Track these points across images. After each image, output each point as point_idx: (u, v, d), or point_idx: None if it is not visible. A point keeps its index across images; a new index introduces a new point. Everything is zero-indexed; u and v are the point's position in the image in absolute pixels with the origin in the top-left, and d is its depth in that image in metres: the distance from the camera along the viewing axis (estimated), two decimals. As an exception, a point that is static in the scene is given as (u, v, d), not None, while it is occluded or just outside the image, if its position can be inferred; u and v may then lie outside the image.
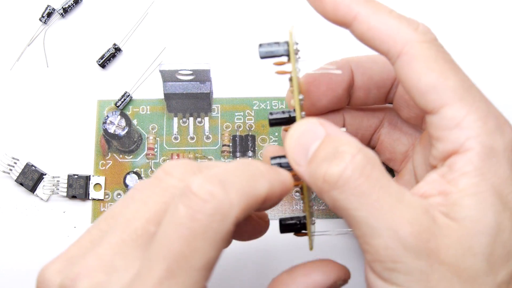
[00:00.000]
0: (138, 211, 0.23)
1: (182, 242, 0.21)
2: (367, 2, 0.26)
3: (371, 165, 0.23)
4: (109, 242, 0.23)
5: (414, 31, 0.25)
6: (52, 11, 0.41)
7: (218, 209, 0.21)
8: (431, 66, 0.24)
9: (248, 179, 0.23)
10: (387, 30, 0.25)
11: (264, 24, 0.42)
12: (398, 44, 0.25)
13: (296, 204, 0.37)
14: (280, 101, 0.39)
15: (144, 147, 0.38)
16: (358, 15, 0.26)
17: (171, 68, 0.35)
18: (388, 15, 0.25)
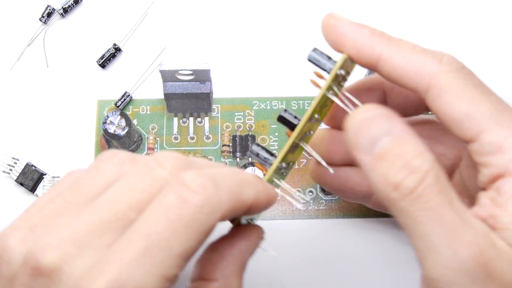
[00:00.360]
0: (123, 195, 0.23)
1: (167, 225, 0.21)
2: (389, 41, 0.26)
3: (442, 180, 0.23)
4: (86, 218, 0.23)
5: (439, 64, 0.25)
6: (52, 11, 0.41)
7: (207, 202, 0.22)
8: (461, 95, 0.24)
9: (237, 184, 0.24)
10: (412, 67, 0.25)
11: (264, 24, 0.42)
12: (425, 79, 0.25)
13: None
14: (280, 101, 0.39)
15: (144, 147, 0.38)
16: (382, 56, 0.26)
17: (171, 68, 0.35)
18: (411, 51, 0.26)
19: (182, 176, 0.22)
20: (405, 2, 0.43)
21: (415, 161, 0.23)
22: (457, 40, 0.42)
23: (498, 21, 0.42)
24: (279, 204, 0.37)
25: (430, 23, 0.42)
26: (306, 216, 0.37)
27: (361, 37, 0.26)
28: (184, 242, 0.22)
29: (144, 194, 0.23)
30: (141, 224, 0.22)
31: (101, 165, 0.25)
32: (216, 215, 0.22)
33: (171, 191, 0.22)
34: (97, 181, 0.24)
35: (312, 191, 0.38)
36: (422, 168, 0.23)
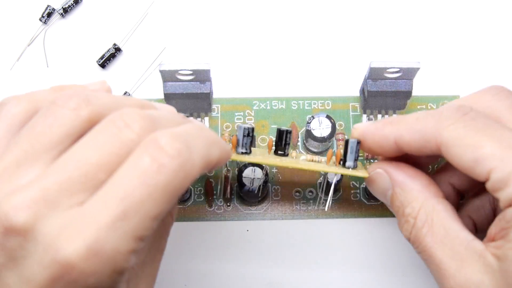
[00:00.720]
0: (91, 155, 0.23)
1: (143, 190, 0.22)
2: (395, 123, 0.29)
3: (433, 217, 0.28)
4: (56, 177, 0.23)
5: (438, 122, 0.27)
6: (52, 11, 0.41)
7: (182, 166, 0.23)
8: (464, 144, 0.26)
9: (207, 145, 0.25)
10: (419, 137, 0.27)
11: (264, 24, 0.42)
12: (432, 142, 0.27)
13: (296, 204, 0.37)
14: (280, 101, 0.39)
15: (144, 147, 0.38)
16: (395, 138, 0.29)
17: (171, 68, 0.35)
18: (414, 123, 0.28)
19: (156, 136, 0.23)
20: (407, 5, 0.43)
21: (406, 210, 0.29)
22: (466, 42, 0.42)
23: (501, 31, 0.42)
24: (279, 204, 0.37)
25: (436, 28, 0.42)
26: (306, 216, 0.37)
27: (375, 134, 0.30)
28: (159, 206, 0.23)
29: (113, 156, 0.23)
30: (117, 186, 0.22)
31: (57, 111, 0.25)
32: (190, 178, 0.23)
33: (146, 153, 0.23)
34: (56, 129, 0.24)
35: (312, 191, 0.38)
36: (411, 214, 0.29)
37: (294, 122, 0.39)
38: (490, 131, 0.26)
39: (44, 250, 0.22)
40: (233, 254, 0.37)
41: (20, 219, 0.22)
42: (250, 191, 0.35)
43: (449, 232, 0.27)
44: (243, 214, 0.37)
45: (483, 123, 0.26)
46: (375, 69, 0.35)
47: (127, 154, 0.23)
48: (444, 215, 0.28)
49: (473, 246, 0.26)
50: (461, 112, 0.26)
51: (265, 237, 0.37)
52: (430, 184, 0.30)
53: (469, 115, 0.26)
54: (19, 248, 0.22)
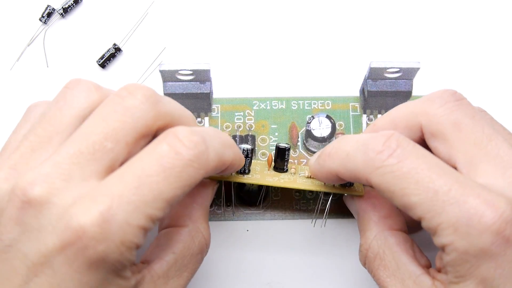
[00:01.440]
0: (97, 126, 0.25)
1: (159, 170, 0.23)
2: (331, 157, 0.29)
3: (385, 250, 0.29)
4: (67, 152, 0.24)
5: (366, 165, 0.26)
6: (52, 11, 0.41)
7: (198, 158, 0.24)
8: (391, 192, 0.25)
9: (222, 145, 0.26)
10: (352, 174, 0.27)
11: (264, 24, 0.42)
12: (364, 181, 0.27)
13: (296, 204, 0.37)
14: (280, 101, 0.39)
15: (144, 147, 0.38)
16: (336, 172, 0.28)
17: (171, 68, 0.35)
18: (346, 159, 0.27)
19: (176, 130, 0.24)
20: (405, 7, 0.43)
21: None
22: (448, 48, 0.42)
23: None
24: (279, 204, 0.37)
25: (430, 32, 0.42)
26: (306, 216, 0.37)
27: (320, 171, 0.30)
28: (172, 189, 0.24)
29: (117, 123, 0.25)
30: (134, 164, 0.24)
31: (68, 94, 0.26)
32: (203, 171, 0.24)
33: (165, 141, 0.24)
34: (66, 111, 0.26)
35: (312, 191, 0.38)
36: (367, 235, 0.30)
37: (294, 122, 0.39)
38: (417, 176, 0.25)
39: (57, 219, 0.23)
40: (233, 254, 0.37)
41: (36, 193, 0.23)
42: (250, 191, 0.35)
43: (399, 266, 0.28)
44: (243, 214, 0.37)
45: (410, 164, 0.25)
46: (375, 69, 0.35)
47: (132, 121, 0.25)
48: (395, 249, 0.28)
49: (421, 281, 0.27)
50: (387, 152, 0.25)
51: (265, 237, 0.37)
52: (389, 216, 0.30)
53: (395, 154, 0.25)
54: (35, 221, 0.23)
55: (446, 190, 0.24)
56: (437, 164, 0.25)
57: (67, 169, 0.24)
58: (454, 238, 0.24)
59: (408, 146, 0.25)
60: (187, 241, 0.28)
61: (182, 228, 0.29)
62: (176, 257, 0.28)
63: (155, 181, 0.23)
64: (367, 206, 0.31)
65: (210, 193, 0.31)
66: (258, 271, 0.36)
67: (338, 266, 0.37)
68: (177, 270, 0.27)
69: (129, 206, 0.23)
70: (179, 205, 0.29)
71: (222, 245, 0.37)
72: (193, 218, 0.29)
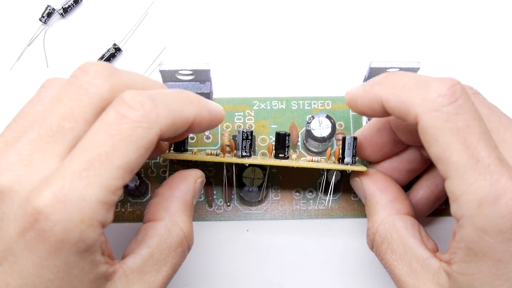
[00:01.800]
0: (53, 108, 0.25)
1: (107, 140, 0.23)
2: (384, 83, 0.27)
3: (392, 234, 0.29)
4: (27, 138, 0.24)
5: (423, 101, 0.25)
6: (52, 11, 0.41)
7: (145, 117, 0.24)
8: (436, 138, 0.25)
9: (177, 101, 0.26)
10: (402, 106, 0.26)
11: (264, 24, 0.42)
12: (411, 116, 0.26)
13: (296, 204, 0.37)
14: (280, 101, 0.39)
15: (144, 147, 0.38)
16: (382, 100, 0.27)
17: (171, 68, 0.35)
18: (401, 89, 0.26)
19: (122, 94, 0.24)
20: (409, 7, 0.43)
21: (368, 224, 0.31)
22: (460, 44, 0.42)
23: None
24: (279, 204, 0.37)
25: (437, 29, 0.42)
26: (306, 216, 0.37)
27: (364, 97, 0.28)
28: (124, 155, 0.23)
29: (72, 101, 0.25)
30: (84, 141, 0.24)
31: (41, 92, 0.27)
32: (154, 129, 0.24)
33: (112, 109, 0.24)
34: (38, 107, 0.26)
35: (312, 191, 0.38)
36: (370, 229, 0.30)
37: (294, 122, 0.39)
38: (467, 136, 0.24)
39: (18, 206, 0.23)
40: (233, 254, 0.37)
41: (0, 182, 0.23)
42: (250, 191, 0.35)
43: (407, 250, 0.28)
44: (243, 214, 0.37)
45: (465, 121, 0.24)
46: (375, 69, 0.35)
47: (88, 97, 0.25)
48: (403, 233, 0.28)
49: (429, 264, 0.27)
50: (449, 98, 0.25)
51: (265, 237, 0.37)
52: (397, 199, 0.30)
53: (456, 104, 0.25)
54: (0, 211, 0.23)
55: (486, 163, 0.24)
56: (487, 133, 0.25)
57: (28, 155, 0.24)
58: (475, 213, 0.24)
59: (469, 101, 0.25)
60: (163, 235, 0.28)
61: (158, 221, 0.28)
62: (152, 251, 0.27)
63: (105, 151, 0.23)
64: (374, 189, 0.31)
65: (191, 187, 0.30)
66: (258, 271, 0.36)
67: (338, 266, 0.37)
68: (154, 265, 0.27)
69: (82, 181, 0.23)
70: (157, 199, 0.29)
71: (222, 245, 0.37)
72: (170, 211, 0.28)
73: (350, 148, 0.32)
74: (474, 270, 0.25)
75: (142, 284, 0.26)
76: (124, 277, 0.25)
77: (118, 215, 0.37)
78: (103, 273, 0.25)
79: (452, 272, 0.25)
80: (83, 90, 0.25)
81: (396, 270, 0.28)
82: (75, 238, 0.23)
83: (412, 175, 0.34)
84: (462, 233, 0.25)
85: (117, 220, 0.37)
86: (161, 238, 0.27)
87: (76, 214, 0.22)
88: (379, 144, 0.33)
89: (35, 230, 0.22)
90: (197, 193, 0.30)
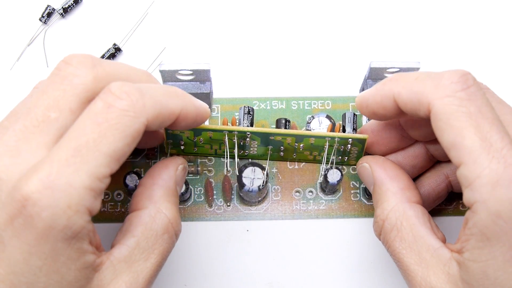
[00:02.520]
0: (38, 99, 0.25)
1: (94, 128, 0.23)
2: (396, 79, 0.28)
3: (403, 222, 0.28)
4: (13, 129, 0.25)
5: (435, 88, 0.25)
6: (52, 11, 0.41)
7: (131, 107, 0.24)
8: (449, 123, 0.25)
9: (163, 94, 0.26)
10: (414, 97, 0.26)
11: (264, 24, 0.42)
12: (424, 106, 0.26)
13: (296, 204, 0.37)
14: (280, 101, 0.39)
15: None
16: (394, 95, 0.27)
17: (171, 68, 0.35)
18: (414, 82, 0.27)
19: (109, 85, 0.24)
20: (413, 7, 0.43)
21: (378, 214, 0.30)
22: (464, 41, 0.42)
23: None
24: (279, 204, 0.37)
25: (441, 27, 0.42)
26: (306, 216, 0.37)
27: (376, 95, 0.29)
28: (111, 143, 0.24)
29: (56, 92, 0.25)
30: (72, 130, 0.24)
31: (34, 92, 0.27)
32: (141, 119, 0.24)
33: (99, 98, 0.24)
34: (29, 104, 0.26)
35: (312, 191, 0.38)
36: (380, 216, 0.29)
37: (294, 122, 0.39)
38: (480, 121, 0.24)
39: (6, 195, 0.23)
40: (233, 254, 0.37)
41: None
42: (250, 191, 0.35)
43: (417, 238, 0.27)
44: (243, 214, 0.37)
45: (477, 107, 0.25)
46: (375, 69, 0.35)
47: (72, 87, 0.25)
48: (414, 221, 0.28)
49: (439, 254, 0.26)
50: (462, 84, 0.25)
51: (265, 237, 0.37)
52: (408, 188, 0.30)
53: (468, 90, 0.25)
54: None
55: (499, 147, 0.24)
56: (498, 120, 0.25)
57: (14, 145, 0.24)
58: (489, 197, 0.23)
59: (481, 90, 0.25)
60: (148, 223, 0.28)
61: (142, 210, 0.28)
62: (138, 240, 0.27)
63: (92, 139, 0.23)
64: (385, 176, 0.30)
65: (173, 174, 0.30)
66: (258, 271, 0.36)
67: (338, 266, 0.37)
68: (142, 253, 0.27)
69: (69, 168, 0.23)
70: (140, 189, 0.29)
71: (222, 245, 0.37)
72: (153, 199, 0.28)
73: (351, 122, 0.33)
74: (487, 256, 0.24)
75: (130, 273, 0.26)
76: (112, 267, 0.26)
77: (118, 215, 0.37)
78: (90, 263, 0.25)
79: (464, 260, 0.25)
80: (67, 81, 0.25)
81: (405, 259, 0.27)
82: (62, 224, 0.23)
83: (415, 172, 0.34)
84: (475, 219, 0.24)
85: (117, 220, 0.37)
86: (146, 226, 0.28)
87: (63, 200, 0.23)
88: (386, 139, 0.33)
89: (23, 216, 0.23)
90: (180, 180, 0.31)
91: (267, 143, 0.35)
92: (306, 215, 0.37)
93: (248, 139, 0.34)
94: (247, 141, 0.34)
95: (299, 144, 0.35)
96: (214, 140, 0.35)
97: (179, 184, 0.31)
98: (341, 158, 0.36)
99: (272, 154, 0.36)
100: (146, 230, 0.27)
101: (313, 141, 0.34)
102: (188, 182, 0.36)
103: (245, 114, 0.34)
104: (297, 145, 0.35)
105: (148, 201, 0.28)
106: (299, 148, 0.35)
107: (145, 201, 0.28)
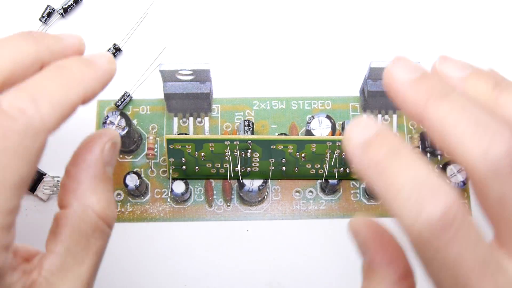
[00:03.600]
0: None
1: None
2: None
3: None
4: None
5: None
6: (52, 11, 0.41)
7: (29, 126, 0.22)
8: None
9: (60, 88, 0.23)
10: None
11: (264, 24, 0.42)
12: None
13: (296, 204, 0.37)
14: (280, 101, 0.39)
15: (144, 147, 0.38)
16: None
17: (171, 68, 0.35)
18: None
19: (0, 99, 0.21)
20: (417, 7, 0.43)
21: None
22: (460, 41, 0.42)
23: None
24: (279, 204, 0.37)
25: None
26: (306, 216, 0.37)
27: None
28: (15, 173, 0.21)
29: None
30: None
31: None
32: (42, 135, 0.22)
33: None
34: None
35: (312, 191, 0.38)
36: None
37: (294, 122, 0.39)
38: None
39: None
40: (233, 254, 0.37)
41: None
42: (250, 191, 0.35)
43: None
44: (243, 214, 0.37)
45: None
46: (375, 69, 0.35)
47: None
48: None
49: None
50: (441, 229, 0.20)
51: (265, 237, 0.37)
52: (407, 276, 0.25)
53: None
54: None
55: None
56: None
57: None
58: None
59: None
60: (75, 224, 0.25)
61: (67, 210, 0.25)
62: (67, 245, 0.24)
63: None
64: (382, 258, 0.24)
65: (99, 156, 0.27)
66: (258, 271, 0.36)
67: (338, 266, 0.37)
68: (75, 258, 0.24)
69: None
70: (64, 180, 0.26)
71: (222, 245, 0.37)
72: (77, 194, 0.25)
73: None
74: None
75: (67, 282, 0.24)
76: (45, 282, 0.23)
77: (118, 215, 0.37)
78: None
79: None
80: None
81: None
82: None
83: None
84: None
85: (117, 220, 0.37)
86: (73, 228, 0.25)
87: None
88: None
89: None
90: (109, 159, 0.27)
91: (268, 154, 0.35)
92: (306, 215, 0.37)
93: (250, 151, 0.34)
94: (248, 153, 0.34)
95: (300, 153, 0.34)
96: (216, 155, 0.35)
97: (110, 163, 0.27)
98: (343, 171, 0.36)
99: (274, 170, 0.36)
100: (74, 233, 0.25)
101: (314, 149, 0.34)
102: (188, 182, 0.36)
103: (245, 127, 0.34)
104: (298, 155, 0.35)
105: (72, 197, 0.25)
106: (300, 158, 0.35)
107: (70, 196, 0.25)
